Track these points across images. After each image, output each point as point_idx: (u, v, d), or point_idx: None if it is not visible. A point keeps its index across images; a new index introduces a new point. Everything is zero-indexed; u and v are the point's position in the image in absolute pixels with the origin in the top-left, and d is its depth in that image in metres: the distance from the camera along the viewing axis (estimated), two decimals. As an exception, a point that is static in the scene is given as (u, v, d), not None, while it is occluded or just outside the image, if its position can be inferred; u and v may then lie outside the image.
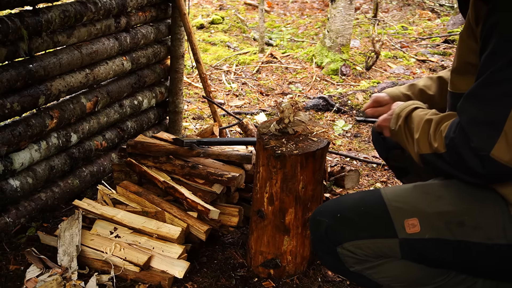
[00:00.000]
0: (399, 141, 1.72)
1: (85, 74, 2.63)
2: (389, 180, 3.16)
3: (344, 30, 5.17)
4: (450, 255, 1.51)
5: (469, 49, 1.50)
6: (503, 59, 1.34)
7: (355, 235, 1.57)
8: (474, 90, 1.41)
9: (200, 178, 2.37)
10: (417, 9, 7.92)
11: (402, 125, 1.66)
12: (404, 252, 1.54)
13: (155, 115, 3.31)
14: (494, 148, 1.34)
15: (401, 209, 1.54)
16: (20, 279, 2.12)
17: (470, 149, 1.38)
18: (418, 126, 1.59)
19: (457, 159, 1.44)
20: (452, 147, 1.43)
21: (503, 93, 1.34)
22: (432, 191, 1.55)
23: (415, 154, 1.61)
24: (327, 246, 1.63)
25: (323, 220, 1.63)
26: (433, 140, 1.51)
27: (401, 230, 1.51)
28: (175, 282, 2.14)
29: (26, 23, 2.20)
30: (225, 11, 7.58)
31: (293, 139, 2.06)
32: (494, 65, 1.35)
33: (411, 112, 1.67)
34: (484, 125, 1.37)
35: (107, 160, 2.91)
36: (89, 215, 2.37)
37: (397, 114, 1.70)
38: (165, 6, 3.14)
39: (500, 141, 1.34)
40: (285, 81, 4.97)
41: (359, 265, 1.61)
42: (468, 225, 1.47)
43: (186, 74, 4.96)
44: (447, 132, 1.46)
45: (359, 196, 1.69)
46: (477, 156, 1.38)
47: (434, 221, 1.50)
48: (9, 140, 2.25)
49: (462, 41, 1.55)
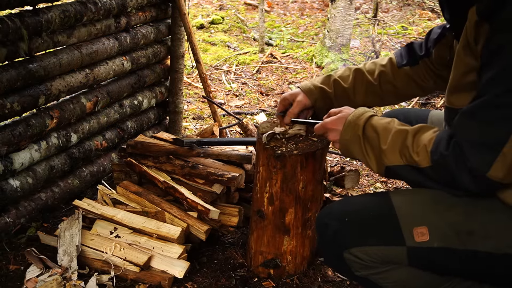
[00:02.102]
0: (350, 151, 1.66)
1: (85, 74, 2.63)
2: (389, 180, 3.16)
3: (344, 30, 5.18)
4: (458, 263, 1.50)
5: (467, 67, 1.46)
6: (509, 83, 1.32)
7: (362, 241, 1.55)
8: (474, 109, 1.39)
9: (200, 178, 2.37)
10: (417, 9, 7.91)
11: (360, 135, 1.61)
12: (411, 260, 1.53)
13: (155, 115, 3.31)
14: (492, 168, 1.35)
15: (410, 217, 1.52)
16: (20, 279, 2.12)
17: (465, 169, 1.38)
18: (385, 136, 1.55)
19: (443, 174, 1.44)
20: (442, 164, 1.42)
21: (505, 116, 1.33)
22: (443, 199, 1.52)
23: (378, 165, 1.58)
24: (334, 249, 1.61)
25: (331, 224, 1.61)
26: (412, 153, 1.48)
27: (410, 238, 1.50)
28: (175, 282, 2.13)
29: (26, 23, 2.19)
30: (225, 11, 7.58)
31: (293, 139, 2.06)
32: (499, 87, 1.33)
33: (369, 120, 1.62)
34: (484, 147, 1.36)
35: (107, 160, 2.91)
36: (89, 215, 2.37)
37: (352, 122, 1.64)
38: (165, 6, 3.14)
39: (498, 161, 1.34)
40: (285, 81, 4.96)
41: (365, 270, 1.60)
42: (477, 235, 1.45)
43: (186, 74, 4.96)
44: (434, 147, 1.44)
45: (368, 200, 1.67)
46: (471, 175, 1.38)
47: (444, 230, 1.48)
48: (9, 140, 2.25)
49: (459, 59, 1.50)
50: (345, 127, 1.66)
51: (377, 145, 1.57)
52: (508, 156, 1.33)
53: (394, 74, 1.98)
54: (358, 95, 2.01)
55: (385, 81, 1.99)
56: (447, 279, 1.60)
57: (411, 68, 1.97)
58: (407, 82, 1.99)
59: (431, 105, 4.30)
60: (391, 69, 1.99)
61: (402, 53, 2.01)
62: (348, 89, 1.98)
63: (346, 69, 2.02)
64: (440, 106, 4.23)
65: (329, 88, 1.99)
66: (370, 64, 2.03)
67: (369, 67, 2.01)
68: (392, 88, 2.00)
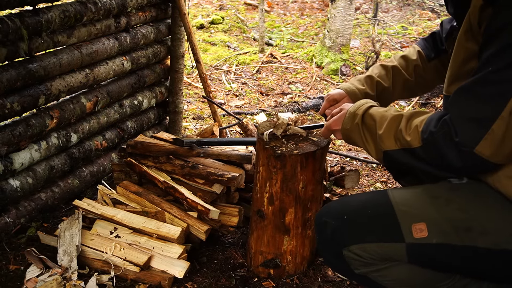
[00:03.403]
0: (352, 140, 1.72)
1: (85, 74, 2.63)
2: (389, 180, 3.16)
3: (344, 30, 5.18)
4: (457, 260, 1.50)
5: (469, 54, 1.48)
6: (505, 60, 1.33)
7: (361, 238, 1.56)
8: (469, 85, 1.41)
9: (200, 178, 2.37)
10: (417, 9, 7.91)
11: (359, 123, 1.66)
12: (411, 257, 1.53)
13: (155, 115, 3.32)
14: (479, 144, 1.36)
15: (409, 213, 1.52)
16: (20, 279, 2.12)
17: (453, 142, 1.39)
18: (382, 122, 1.59)
19: (433, 153, 1.45)
20: (431, 141, 1.44)
21: (498, 93, 1.34)
22: (441, 195, 1.54)
23: (376, 151, 1.62)
24: (333, 248, 1.62)
25: (329, 222, 1.62)
26: (405, 134, 1.51)
27: (408, 235, 1.50)
28: (175, 282, 2.14)
29: (26, 23, 2.19)
30: (225, 11, 7.58)
31: (293, 139, 2.06)
32: (495, 64, 1.35)
33: (368, 110, 1.67)
34: (473, 122, 1.37)
35: (107, 160, 2.91)
36: (89, 215, 2.37)
37: (352, 113, 1.70)
38: (165, 6, 3.14)
39: (487, 138, 1.35)
40: (285, 81, 4.97)
41: (365, 268, 1.60)
42: (476, 230, 1.46)
43: (186, 74, 4.96)
44: (425, 126, 1.47)
45: (366, 197, 1.67)
46: (457, 150, 1.39)
47: (442, 226, 1.49)
48: (9, 140, 2.25)
49: (461, 46, 1.51)
50: (346, 118, 1.72)
51: (374, 132, 1.62)
52: (497, 133, 1.34)
53: (425, 68, 2.04)
54: (396, 92, 2.08)
55: (418, 75, 2.05)
56: (447, 276, 1.60)
57: (439, 61, 2.01)
58: (436, 74, 2.04)
59: (431, 105, 4.30)
60: (422, 63, 2.04)
61: (428, 45, 2.05)
62: (388, 88, 2.04)
63: (383, 68, 2.07)
64: (440, 106, 4.23)
65: (371, 91, 2.03)
66: (401, 59, 2.06)
67: (403, 64, 2.06)
68: (423, 81, 2.07)
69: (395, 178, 2.49)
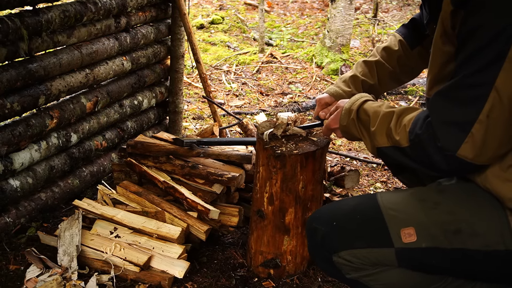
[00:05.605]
0: (351, 134, 1.73)
1: (85, 74, 2.63)
2: (389, 180, 3.16)
3: (344, 30, 5.18)
4: (447, 263, 1.50)
5: (447, 57, 1.47)
6: (478, 64, 1.33)
7: (351, 244, 1.56)
8: (446, 90, 1.41)
9: (200, 178, 2.37)
10: (417, 9, 7.91)
11: (355, 119, 1.67)
12: (401, 261, 1.53)
13: (155, 115, 3.32)
14: (461, 148, 1.36)
15: (397, 218, 1.52)
16: (20, 279, 2.12)
17: (436, 148, 1.40)
18: (375, 119, 1.60)
19: (420, 154, 1.46)
20: (417, 143, 1.45)
21: (474, 96, 1.34)
22: (429, 198, 1.53)
23: (371, 146, 1.63)
24: (323, 253, 1.62)
25: (319, 228, 1.62)
26: (394, 133, 1.51)
27: (397, 240, 1.50)
28: (175, 282, 2.14)
29: (26, 23, 2.20)
30: (225, 11, 7.57)
31: (293, 139, 2.06)
32: (469, 68, 1.35)
33: (362, 105, 1.68)
34: (453, 127, 1.38)
35: (107, 160, 2.91)
36: (89, 215, 2.37)
37: (348, 109, 1.71)
38: (165, 6, 3.14)
39: (467, 141, 1.36)
40: (285, 81, 4.97)
41: (356, 273, 1.60)
42: (465, 233, 1.45)
43: (186, 74, 4.96)
44: (412, 127, 1.47)
45: (355, 202, 1.67)
46: (441, 154, 1.39)
47: (431, 230, 1.48)
48: (9, 140, 2.25)
49: (438, 50, 1.51)
50: (342, 115, 1.73)
51: (368, 127, 1.62)
52: (477, 136, 1.34)
53: (408, 56, 2.04)
54: (383, 86, 2.10)
55: (403, 65, 2.05)
56: (439, 278, 1.60)
57: (422, 47, 2.01)
58: (420, 59, 2.04)
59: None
60: (405, 52, 2.04)
61: (409, 32, 2.04)
62: (374, 84, 2.06)
63: (366, 65, 2.07)
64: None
65: (358, 92, 2.03)
66: (383, 52, 2.06)
67: (385, 56, 2.05)
68: (408, 69, 2.08)
69: (394, 174, 2.49)
